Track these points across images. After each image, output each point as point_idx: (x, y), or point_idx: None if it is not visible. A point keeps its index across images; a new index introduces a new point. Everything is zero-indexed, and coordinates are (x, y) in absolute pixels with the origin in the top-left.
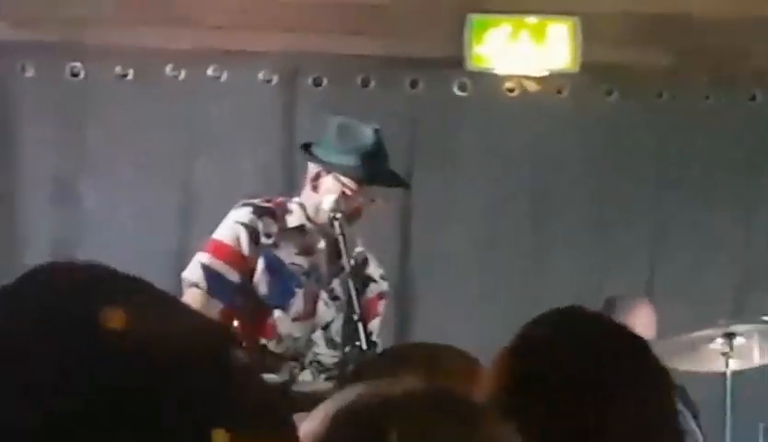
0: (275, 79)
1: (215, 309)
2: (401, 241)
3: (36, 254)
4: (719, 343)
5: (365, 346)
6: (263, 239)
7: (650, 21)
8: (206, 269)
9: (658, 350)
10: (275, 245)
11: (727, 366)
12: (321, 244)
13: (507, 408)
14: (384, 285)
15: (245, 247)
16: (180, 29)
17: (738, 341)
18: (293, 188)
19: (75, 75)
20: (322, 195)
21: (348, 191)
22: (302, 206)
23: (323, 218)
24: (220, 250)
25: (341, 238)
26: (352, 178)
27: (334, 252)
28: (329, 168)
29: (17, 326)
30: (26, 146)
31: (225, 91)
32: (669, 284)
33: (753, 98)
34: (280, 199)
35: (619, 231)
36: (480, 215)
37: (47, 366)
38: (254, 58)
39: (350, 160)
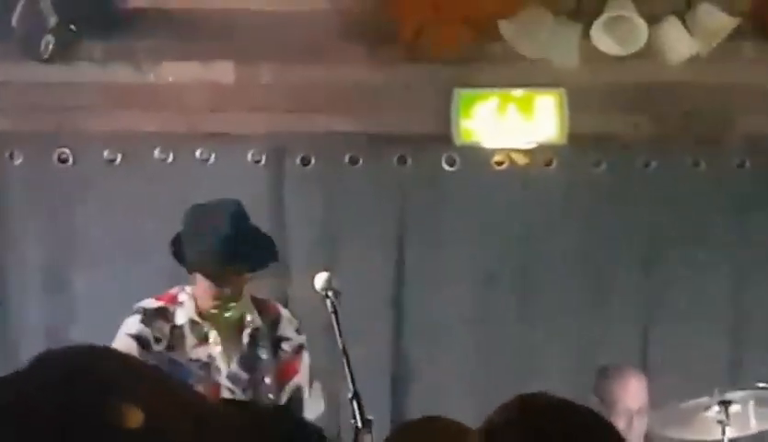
0: (263, 159)
1: None
2: (395, 314)
3: (29, 340)
4: (715, 411)
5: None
6: (155, 347)
7: (635, 90)
8: None
9: (655, 419)
10: (169, 347)
11: (723, 433)
12: (213, 334)
13: None
14: (301, 339)
15: (136, 354)
16: (168, 112)
17: (734, 408)
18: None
19: (63, 160)
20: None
21: (208, 287)
22: (192, 297)
23: (210, 306)
24: None
25: (333, 316)
26: (207, 274)
27: (231, 337)
28: (188, 267)
29: (33, 418)
30: (16, 233)
31: (213, 173)
32: (663, 352)
33: (742, 165)
34: (174, 291)
35: (611, 301)
36: (470, 287)
37: None
38: (242, 140)
39: (202, 255)
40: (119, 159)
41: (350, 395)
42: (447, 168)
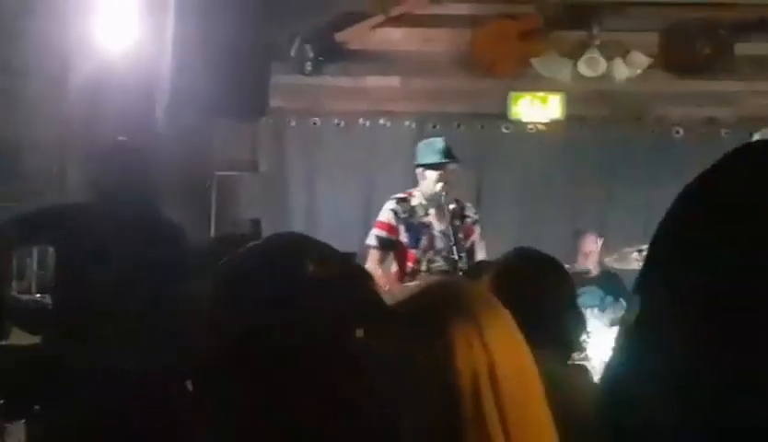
0: (414, 125)
1: (385, 255)
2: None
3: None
4: (636, 253)
5: (457, 257)
6: (401, 214)
7: (599, 93)
8: (378, 237)
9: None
10: (410, 214)
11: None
12: (431, 210)
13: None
14: (476, 216)
15: (393, 220)
16: (362, 101)
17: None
18: None
19: (314, 123)
20: (425, 183)
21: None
22: (420, 193)
23: (431, 195)
24: (381, 225)
25: (446, 205)
26: (434, 167)
27: (440, 212)
28: (424, 165)
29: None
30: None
31: (390, 133)
32: (616, 219)
33: (651, 133)
34: (409, 190)
35: (586, 195)
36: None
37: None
38: (403, 115)
39: (433, 158)
40: (342, 124)
41: (452, 242)
42: (504, 131)
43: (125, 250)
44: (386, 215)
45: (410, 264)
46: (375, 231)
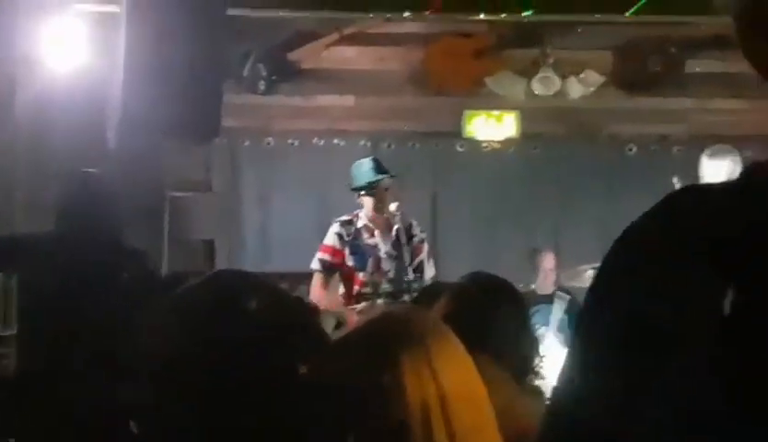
0: (369, 145)
1: (329, 278)
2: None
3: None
4: (589, 271)
5: (406, 278)
6: (346, 237)
7: (552, 111)
8: (320, 261)
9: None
10: (355, 237)
11: None
12: (376, 231)
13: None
14: (423, 235)
15: (337, 244)
16: (316, 119)
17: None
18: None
19: (267, 143)
20: (366, 205)
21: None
22: (365, 215)
23: (374, 217)
24: (325, 249)
25: (395, 225)
26: (368, 188)
27: (386, 233)
28: (358, 189)
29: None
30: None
31: (343, 150)
32: (568, 241)
33: (604, 151)
34: (355, 212)
35: (542, 215)
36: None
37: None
38: (357, 133)
39: (364, 179)
40: (296, 143)
41: (406, 263)
42: (459, 149)
43: (90, 279)
44: (330, 238)
45: (357, 288)
46: (318, 255)
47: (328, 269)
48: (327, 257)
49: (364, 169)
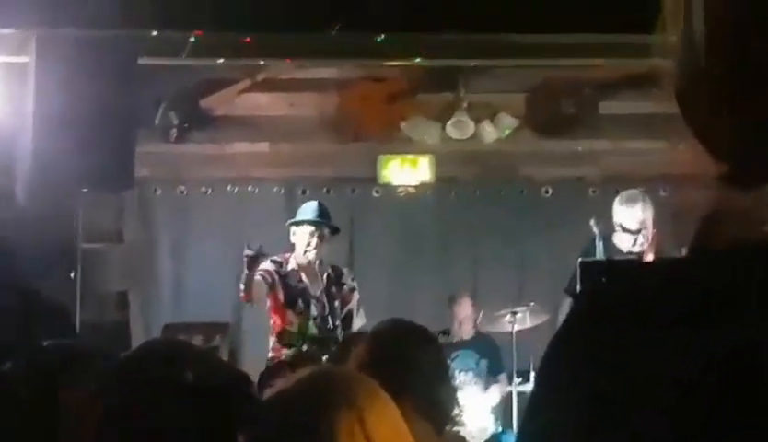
0: (282, 191)
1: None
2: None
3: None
4: (508, 316)
5: (332, 326)
6: (280, 273)
7: (467, 155)
8: (261, 275)
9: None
10: (287, 277)
11: (512, 327)
12: (302, 274)
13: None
14: (354, 284)
15: (273, 272)
16: (230, 165)
17: (519, 316)
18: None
19: (181, 192)
20: (295, 244)
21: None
22: (294, 258)
23: (304, 262)
24: (263, 272)
25: (320, 272)
26: (296, 225)
27: (314, 278)
28: (291, 224)
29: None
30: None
31: (259, 198)
32: (486, 287)
33: (520, 194)
34: (286, 255)
35: (459, 264)
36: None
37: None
38: (272, 180)
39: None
40: (209, 191)
41: (336, 306)
42: (375, 194)
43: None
44: (266, 265)
45: (283, 325)
46: (258, 273)
47: (269, 284)
48: (266, 275)
49: (303, 208)
